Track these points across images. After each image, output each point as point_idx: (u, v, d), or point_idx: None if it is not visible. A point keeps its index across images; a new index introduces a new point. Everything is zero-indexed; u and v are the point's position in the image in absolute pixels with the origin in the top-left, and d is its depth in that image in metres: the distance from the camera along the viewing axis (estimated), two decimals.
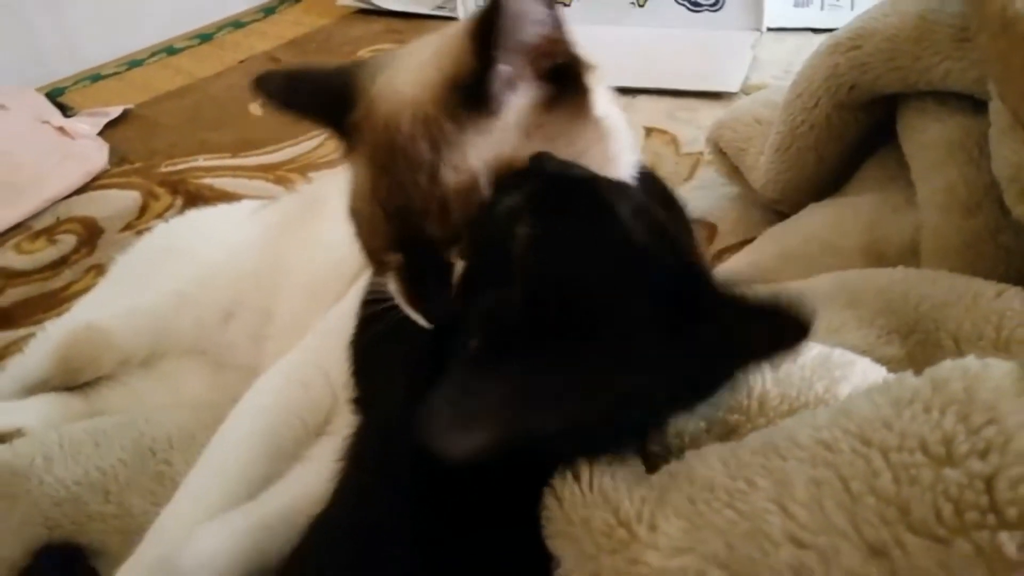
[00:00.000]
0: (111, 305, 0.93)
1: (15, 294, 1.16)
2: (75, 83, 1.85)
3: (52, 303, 1.11)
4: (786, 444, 0.43)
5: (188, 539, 0.60)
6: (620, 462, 0.50)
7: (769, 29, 1.74)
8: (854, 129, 0.94)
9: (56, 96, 1.71)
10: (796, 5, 1.83)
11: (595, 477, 0.48)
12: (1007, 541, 0.34)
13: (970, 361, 0.41)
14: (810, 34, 1.67)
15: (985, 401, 0.38)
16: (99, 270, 1.16)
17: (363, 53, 1.86)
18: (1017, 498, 0.34)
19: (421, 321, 0.55)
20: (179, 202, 1.34)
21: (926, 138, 0.82)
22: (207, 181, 1.39)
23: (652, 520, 0.44)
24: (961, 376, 0.40)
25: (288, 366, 0.71)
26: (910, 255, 0.80)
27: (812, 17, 1.73)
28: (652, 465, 0.51)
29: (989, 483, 0.35)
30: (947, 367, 0.42)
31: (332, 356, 0.68)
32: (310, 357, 0.71)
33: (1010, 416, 0.37)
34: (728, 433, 0.52)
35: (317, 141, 1.50)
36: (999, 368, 0.40)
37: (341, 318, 0.70)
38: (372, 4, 2.10)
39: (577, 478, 0.48)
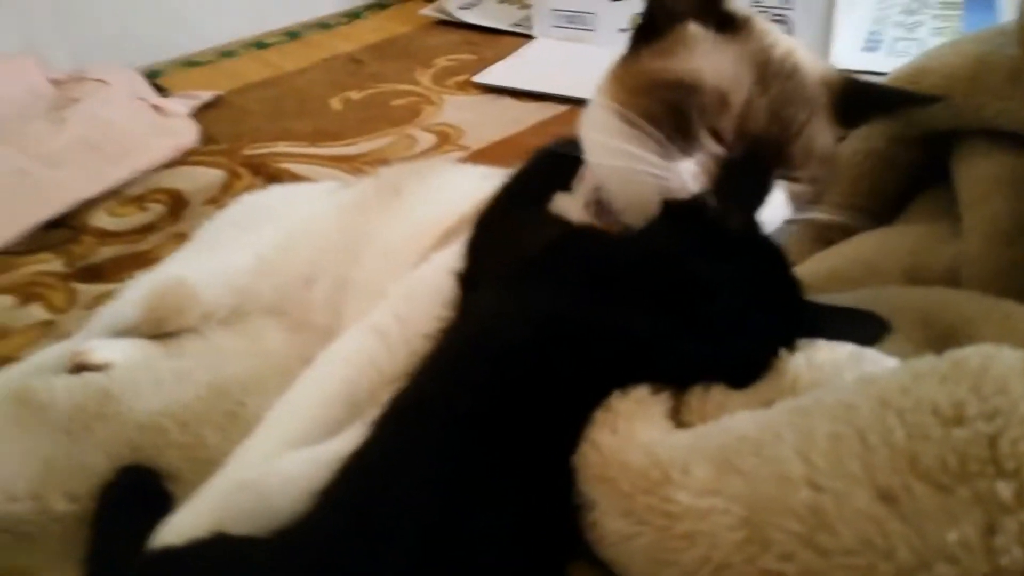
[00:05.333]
0: (199, 263, 1.00)
1: (106, 252, 1.25)
2: (172, 67, 1.97)
3: (139, 263, 1.19)
4: (813, 405, 0.48)
5: (270, 464, 0.64)
6: (654, 422, 0.55)
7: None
8: (907, 163, 0.98)
9: (154, 77, 1.82)
10: (864, 49, 1.87)
11: (632, 429, 0.54)
12: (1003, 488, 0.39)
13: (987, 346, 0.46)
14: (877, 78, 1.70)
15: (998, 375, 0.43)
16: (182, 238, 1.22)
17: (440, 61, 1.95)
18: (1016, 453, 0.39)
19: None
20: (259, 183, 1.41)
21: (975, 172, 0.86)
22: (286, 166, 1.48)
23: (685, 464, 0.49)
24: (978, 355, 0.45)
25: (368, 320, 0.76)
26: (949, 282, 0.83)
27: (880, 61, 1.74)
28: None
29: (992, 440, 0.40)
30: (967, 349, 0.46)
31: (411, 310, 0.73)
32: (389, 311, 0.75)
33: (1019, 388, 0.42)
34: (763, 406, 0.57)
35: (392, 138, 1.58)
36: (1014, 353, 0.45)
37: (419, 280, 0.76)
38: (452, 17, 2.20)
39: (615, 430, 0.54)
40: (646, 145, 0.66)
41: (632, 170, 0.66)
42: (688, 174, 0.64)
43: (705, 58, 0.69)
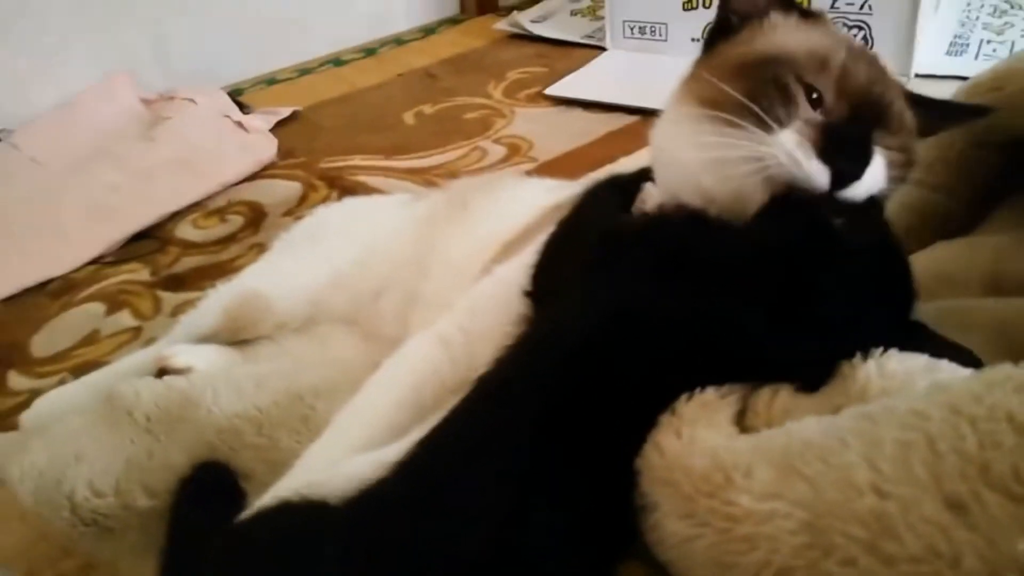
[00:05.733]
0: (275, 275, 1.03)
1: (189, 262, 1.30)
2: (253, 85, 2.05)
3: (220, 272, 1.23)
4: (882, 413, 0.47)
5: (336, 467, 0.65)
6: (718, 427, 0.55)
7: (918, 75, 1.69)
8: (988, 169, 0.94)
9: (237, 95, 1.89)
10: (949, 53, 1.80)
11: (696, 433, 0.53)
12: None
13: None
14: (962, 83, 1.65)
15: None
16: (261, 248, 1.28)
17: (512, 74, 1.97)
18: None
19: (820, 180, 0.60)
20: (335, 195, 1.46)
21: None
22: (361, 178, 1.52)
23: (748, 468, 0.49)
24: None
25: (433, 330, 0.77)
26: None
27: (965, 66, 1.68)
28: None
29: None
30: None
31: (474, 322, 0.74)
32: (454, 322, 0.76)
33: None
34: (830, 412, 0.56)
35: (463, 151, 1.61)
36: None
37: (483, 292, 0.77)
38: (525, 30, 2.22)
39: (679, 434, 0.54)
40: (738, 134, 0.63)
41: (729, 161, 0.64)
42: (791, 143, 0.61)
43: (793, 34, 0.69)
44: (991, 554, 0.38)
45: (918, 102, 0.73)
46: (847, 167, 0.60)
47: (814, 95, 0.64)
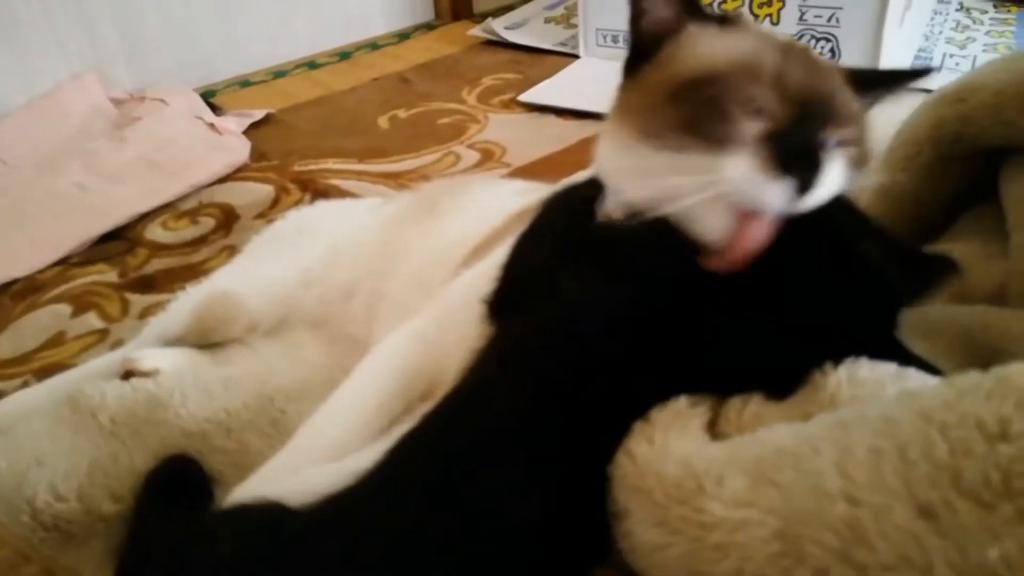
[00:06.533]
0: (246, 277, 1.02)
1: (159, 264, 1.28)
2: (227, 87, 2.02)
3: (190, 274, 1.22)
4: (853, 419, 0.48)
5: (296, 477, 0.64)
6: (691, 434, 0.55)
7: None
8: (954, 181, 0.96)
9: (209, 96, 1.87)
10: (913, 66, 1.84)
11: (668, 440, 0.53)
12: None
13: None
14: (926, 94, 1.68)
15: None
16: (232, 250, 1.27)
17: (486, 80, 1.97)
18: None
19: (780, 198, 0.56)
20: (308, 198, 1.44)
21: None
22: (334, 182, 1.51)
23: (720, 476, 0.49)
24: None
25: (409, 325, 0.76)
26: (996, 301, 0.81)
27: (929, 79, 1.71)
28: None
29: None
30: (1013, 366, 0.45)
31: (448, 322, 0.73)
32: (431, 318, 0.76)
33: None
34: (801, 419, 0.56)
35: (437, 156, 1.60)
36: None
37: (455, 293, 0.76)
38: (499, 37, 2.22)
39: (651, 441, 0.54)
40: (682, 165, 0.59)
41: (680, 189, 0.59)
42: (743, 168, 0.57)
43: (716, 46, 0.64)
44: (962, 561, 0.38)
45: (859, 78, 0.69)
46: (805, 176, 0.57)
47: (754, 107, 0.59)
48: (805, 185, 0.56)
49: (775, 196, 0.56)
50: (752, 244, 0.57)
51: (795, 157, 0.57)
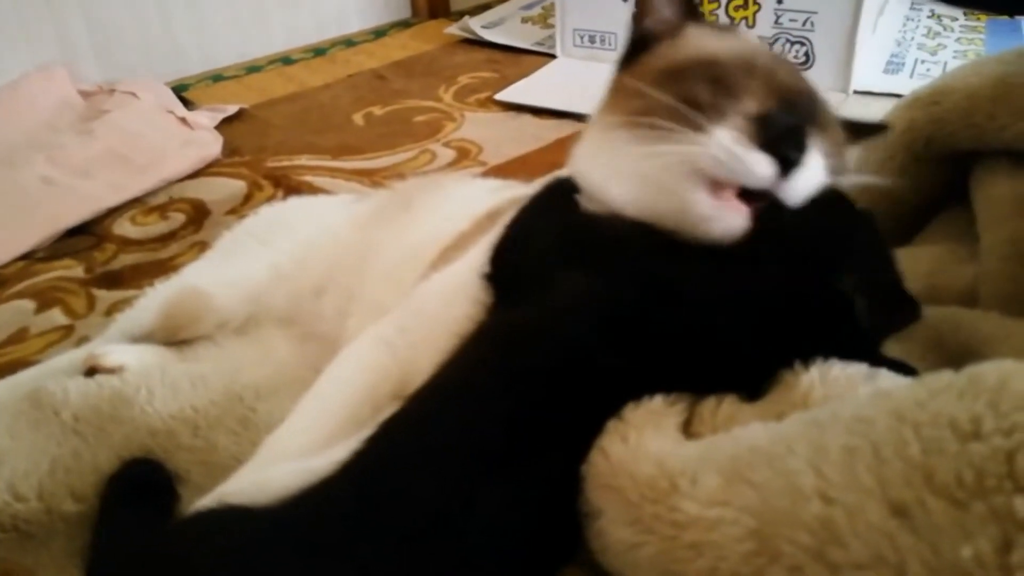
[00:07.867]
0: (216, 273, 1.00)
1: (127, 259, 1.26)
2: (199, 81, 2.00)
3: (159, 270, 1.19)
4: (827, 418, 0.47)
5: (263, 476, 0.62)
6: (665, 433, 0.55)
7: (856, 92, 1.75)
8: (928, 183, 0.97)
9: (181, 91, 1.84)
10: (885, 71, 1.86)
11: (643, 439, 0.53)
12: (1020, 504, 0.37)
13: (1006, 362, 0.45)
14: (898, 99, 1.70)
15: (1016, 391, 0.42)
16: (203, 246, 1.24)
17: (462, 79, 1.96)
18: None
19: (763, 170, 0.58)
20: (280, 194, 1.43)
21: (995, 192, 0.85)
22: (307, 178, 1.49)
23: (694, 475, 0.49)
24: (996, 371, 0.44)
25: (375, 330, 0.75)
26: (967, 303, 0.82)
27: (901, 84, 1.73)
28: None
29: (1010, 456, 0.39)
30: (984, 365, 0.45)
31: (418, 323, 0.72)
32: (396, 323, 0.74)
33: None
34: (774, 419, 0.56)
35: (412, 153, 1.59)
36: None
37: (425, 293, 0.75)
38: (476, 36, 2.22)
39: (625, 440, 0.53)
40: (670, 137, 0.61)
41: (663, 166, 0.61)
42: (728, 138, 0.59)
43: (714, 41, 0.69)
44: (935, 560, 0.38)
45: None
46: (789, 153, 0.59)
47: (747, 91, 0.62)
48: (788, 163, 0.59)
49: (758, 169, 0.58)
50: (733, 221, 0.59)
51: (780, 135, 0.59)
